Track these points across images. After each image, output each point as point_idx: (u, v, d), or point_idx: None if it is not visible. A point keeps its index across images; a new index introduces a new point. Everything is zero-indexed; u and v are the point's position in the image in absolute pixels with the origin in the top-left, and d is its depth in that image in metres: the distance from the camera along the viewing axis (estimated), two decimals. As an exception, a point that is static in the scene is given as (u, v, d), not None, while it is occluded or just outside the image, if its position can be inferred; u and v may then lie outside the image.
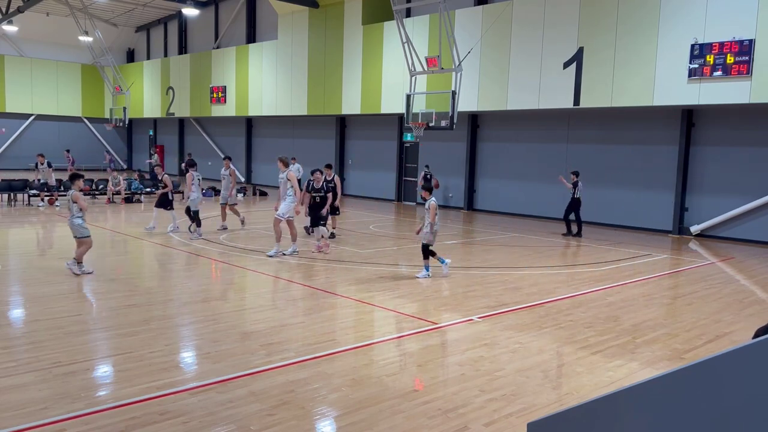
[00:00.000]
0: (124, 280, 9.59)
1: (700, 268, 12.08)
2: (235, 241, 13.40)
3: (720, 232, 16.21)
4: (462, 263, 11.79)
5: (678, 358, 6.50)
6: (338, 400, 5.09)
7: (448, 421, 4.74)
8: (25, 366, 5.63)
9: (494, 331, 7.23)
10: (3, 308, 7.70)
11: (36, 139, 37.70)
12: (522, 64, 17.84)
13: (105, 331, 6.84)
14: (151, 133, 39.48)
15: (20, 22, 31.98)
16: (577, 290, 9.58)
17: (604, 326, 7.59)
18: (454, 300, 8.73)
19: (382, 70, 22.11)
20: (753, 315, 8.41)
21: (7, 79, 35.91)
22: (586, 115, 18.59)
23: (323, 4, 24.33)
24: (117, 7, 32.84)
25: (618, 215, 18.05)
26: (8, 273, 9.77)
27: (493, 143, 21.32)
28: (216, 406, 4.87)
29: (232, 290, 9.31)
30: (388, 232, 16.00)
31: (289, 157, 16.32)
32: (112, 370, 5.68)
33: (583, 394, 5.40)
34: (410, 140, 23.42)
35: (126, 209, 19.61)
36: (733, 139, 15.84)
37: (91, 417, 4.61)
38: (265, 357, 6.08)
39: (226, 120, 32.79)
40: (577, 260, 12.47)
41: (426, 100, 19.52)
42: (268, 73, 27.31)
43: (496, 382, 5.58)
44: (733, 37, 13.83)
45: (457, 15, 19.42)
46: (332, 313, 7.92)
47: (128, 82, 34.47)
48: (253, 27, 29.96)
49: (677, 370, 2.20)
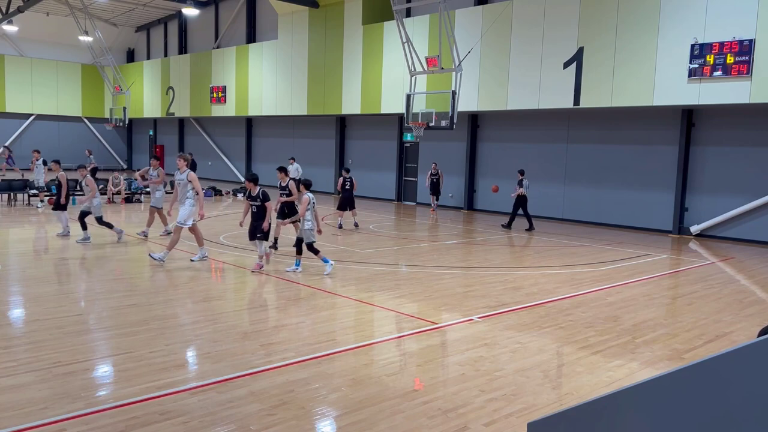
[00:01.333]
0: (124, 280, 9.59)
1: (700, 268, 12.08)
2: (236, 241, 13.39)
3: (720, 232, 16.21)
4: (462, 263, 11.79)
5: (678, 358, 6.50)
6: (338, 400, 5.09)
7: (448, 421, 4.74)
8: (25, 366, 5.63)
9: (494, 331, 7.23)
10: (3, 308, 7.70)
11: (36, 139, 37.70)
12: (522, 63, 17.84)
13: (105, 331, 6.84)
14: (151, 133, 39.48)
15: (20, 22, 31.98)
16: (577, 290, 9.58)
17: (604, 326, 7.59)
18: (454, 300, 8.73)
19: (382, 70, 22.11)
20: (753, 315, 8.41)
21: (7, 79, 35.91)
22: (586, 115, 18.59)
23: (323, 4, 24.33)
24: (117, 7, 32.84)
25: (618, 215, 18.05)
26: (8, 273, 9.77)
27: (493, 143, 21.32)
28: (216, 406, 4.87)
29: (232, 290, 9.31)
30: (388, 232, 16.00)
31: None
32: (112, 370, 5.68)
33: (583, 394, 5.40)
34: (410, 140, 23.42)
35: (126, 209, 19.61)
36: (733, 139, 15.84)
37: (91, 417, 4.61)
38: (265, 357, 6.08)
39: (226, 120, 32.79)
40: (577, 260, 12.47)
41: (426, 100, 19.53)
42: (268, 73, 27.31)
43: (496, 382, 5.58)
44: (733, 37, 13.84)
45: (457, 15, 19.42)
46: (332, 313, 7.92)
47: (128, 82, 34.49)
48: (253, 27, 29.97)
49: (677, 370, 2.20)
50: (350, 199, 15.94)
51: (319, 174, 27.44)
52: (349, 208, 15.89)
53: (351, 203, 15.92)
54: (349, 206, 15.87)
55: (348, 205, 15.85)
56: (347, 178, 16.08)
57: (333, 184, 26.75)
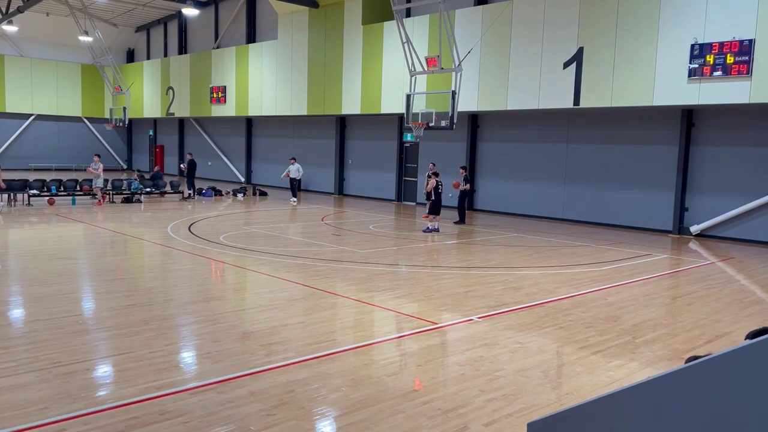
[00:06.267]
0: (124, 280, 9.59)
1: (700, 268, 12.08)
2: (236, 241, 13.40)
3: (720, 232, 16.21)
4: (462, 263, 11.79)
5: (678, 358, 6.50)
6: (338, 400, 5.09)
7: (448, 421, 4.74)
8: (25, 366, 5.63)
9: (494, 331, 7.23)
10: (3, 308, 7.70)
11: (36, 139, 37.74)
12: (522, 64, 17.84)
13: (105, 331, 6.84)
14: (151, 133, 39.50)
15: (20, 22, 31.99)
16: (577, 290, 9.58)
17: (604, 326, 7.59)
18: (454, 300, 8.73)
19: (382, 70, 22.11)
20: (753, 315, 8.41)
21: (7, 79, 35.91)
22: (586, 115, 18.59)
23: (323, 4, 24.33)
24: (117, 7, 32.84)
25: (618, 215, 18.05)
26: (8, 273, 9.77)
27: (493, 143, 21.32)
28: (216, 406, 4.87)
29: (232, 290, 9.31)
30: (388, 232, 16.00)
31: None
32: (112, 370, 5.68)
33: (583, 394, 5.40)
34: (410, 140, 23.41)
35: (127, 209, 19.60)
36: (733, 139, 15.84)
37: (91, 417, 4.61)
38: (265, 357, 6.08)
39: (226, 120, 32.79)
40: (577, 260, 12.47)
41: (426, 100, 19.52)
42: (268, 73, 27.31)
43: (496, 382, 5.58)
44: (733, 37, 13.84)
45: (457, 15, 19.42)
46: (332, 313, 7.92)
47: (128, 82, 34.49)
48: (253, 27, 29.96)
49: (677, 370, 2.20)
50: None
51: (319, 174, 27.45)
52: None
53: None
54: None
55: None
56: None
57: (333, 184, 26.77)
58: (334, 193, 26.61)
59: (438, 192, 15.89)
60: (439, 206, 16.00)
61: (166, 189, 23.53)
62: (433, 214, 15.94)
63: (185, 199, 22.86)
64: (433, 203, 15.93)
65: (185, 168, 24.44)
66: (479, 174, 21.71)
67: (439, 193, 15.91)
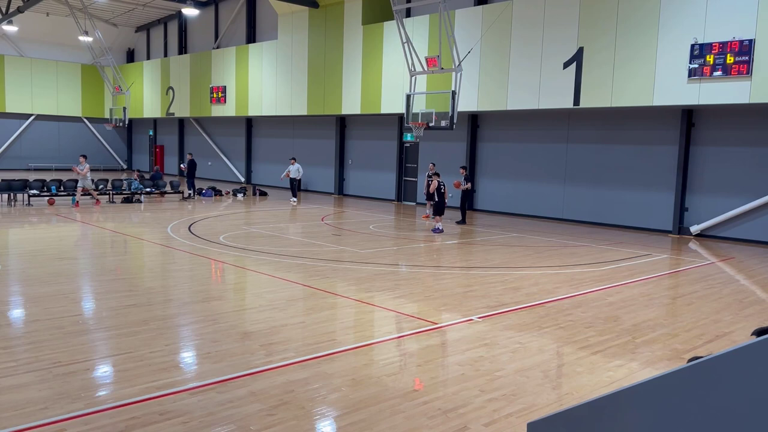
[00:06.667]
0: (124, 280, 9.59)
1: (700, 268, 12.08)
2: (236, 241, 13.40)
3: (720, 232, 16.21)
4: (462, 263, 11.79)
5: (678, 358, 6.50)
6: (338, 400, 5.09)
7: (448, 421, 4.74)
8: (25, 366, 5.63)
9: (494, 331, 7.23)
10: (3, 308, 7.70)
11: (36, 139, 37.74)
12: (522, 64, 17.84)
13: (105, 331, 6.84)
14: (151, 133, 39.50)
15: (20, 22, 31.99)
16: (577, 290, 9.58)
17: (604, 326, 7.59)
18: (454, 300, 8.73)
19: (382, 70, 22.11)
20: (753, 315, 8.42)
21: (7, 79, 35.92)
22: (586, 115, 18.60)
23: (323, 4, 24.33)
24: (117, 7, 32.85)
25: (618, 215, 18.05)
26: (8, 273, 9.77)
27: (493, 143, 21.32)
28: (216, 406, 4.87)
29: (232, 290, 9.31)
30: (388, 232, 16.00)
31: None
32: (112, 370, 5.68)
33: (583, 394, 5.40)
34: (410, 140, 23.41)
35: (127, 209, 19.61)
36: (733, 139, 15.84)
37: (91, 417, 4.61)
38: (265, 357, 6.08)
39: (226, 120, 32.79)
40: (577, 260, 12.48)
41: (426, 100, 19.53)
42: (268, 73, 27.31)
43: (496, 382, 5.58)
44: (733, 37, 13.84)
45: (457, 15, 19.42)
46: (332, 313, 7.92)
47: (128, 82, 34.51)
48: (253, 27, 29.96)
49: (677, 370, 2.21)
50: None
51: (319, 174, 27.45)
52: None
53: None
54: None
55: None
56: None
57: (333, 184, 26.78)
58: (334, 193, 26.61)
59: (441, 192, 15.91)
60: (443, 207, 16.02)
61: (166, 189, 23.53)
62: (438, 215, 15.97)
63: (185, 199, 22.87)
64: (437, 204, 15.95)
65: (185, 168, 24.47)
66: (479, 174, 21.71)
67: (441, 193, 15.93)
